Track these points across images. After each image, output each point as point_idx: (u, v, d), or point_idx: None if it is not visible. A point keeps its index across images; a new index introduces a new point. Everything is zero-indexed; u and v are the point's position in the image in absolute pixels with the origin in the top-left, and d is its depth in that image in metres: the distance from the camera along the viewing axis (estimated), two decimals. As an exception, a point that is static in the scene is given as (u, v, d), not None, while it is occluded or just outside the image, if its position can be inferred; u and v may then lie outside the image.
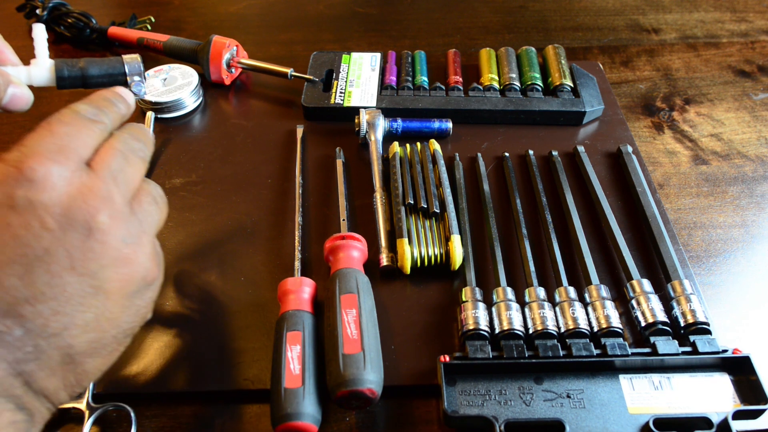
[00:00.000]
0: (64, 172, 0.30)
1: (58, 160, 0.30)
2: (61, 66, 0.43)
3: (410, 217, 0.51)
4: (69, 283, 0.29)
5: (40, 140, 0.30)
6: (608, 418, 0.40)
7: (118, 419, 0.42)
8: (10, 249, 0.28)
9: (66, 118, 0.32)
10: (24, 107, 0.41)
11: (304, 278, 0.47)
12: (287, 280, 0.46)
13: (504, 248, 0.50)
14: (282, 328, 0.42)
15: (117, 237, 0.31)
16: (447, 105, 0.62)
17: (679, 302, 0.45)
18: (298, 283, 0.46)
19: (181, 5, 0.86)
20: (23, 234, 0.28)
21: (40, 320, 0.28)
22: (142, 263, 0.32)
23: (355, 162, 0.59)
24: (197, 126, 0.64)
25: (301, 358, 0.40)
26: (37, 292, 0.28)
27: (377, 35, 0.79)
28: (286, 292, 0.45)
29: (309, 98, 0.64)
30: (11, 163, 0.29)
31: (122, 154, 0.33)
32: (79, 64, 0.44)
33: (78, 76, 0.44)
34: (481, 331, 0.43)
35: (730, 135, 0.64)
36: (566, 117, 0.62)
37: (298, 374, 0.39)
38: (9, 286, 0.28)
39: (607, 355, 0.42)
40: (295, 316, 0.43)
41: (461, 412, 0.40)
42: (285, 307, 0.44)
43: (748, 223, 0.55)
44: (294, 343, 0.41)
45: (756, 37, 0.78)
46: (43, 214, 0.28)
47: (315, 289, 0.47)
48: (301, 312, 0.43)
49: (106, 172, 0.32)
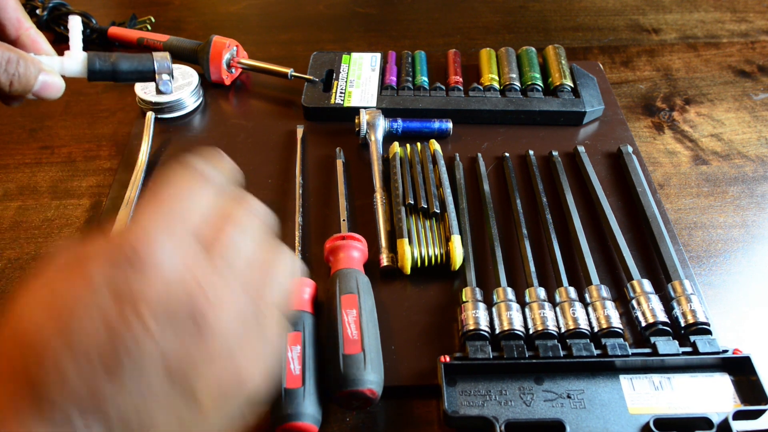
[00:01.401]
0: (174, 257, 0.25)
1: (168, 241, 0.26)
2: (93, 59, 0.44)
3: (410, 217, 0.51)
4: (158, 384, 0.25)
5: (150, 215, 0.27)
6: (609, 419, 0.40)
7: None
8: (102, 339, 0.24)
9: (179, 180, 0.28)
10: (55, 95, 0.41)
11: (303, 278, 0.46)
12: None
13: (504, 248, 0.50)
14: None
15: (226, 342, 0.26)
16: (447, 105, 0.62)
17: (680, 302, 0.45)
18: (298, 283, 0.46)
19: (181, 5, 0.86)
20: (118, 326, 0.24)
21: (121, 418, 0.24)
22: (250, 378, 0.26)
23: (356, 162, 0.59)
24: (197, 126, 0.64)
25: (302, 358, 0.40)
26: (123, 390, 0.24)
27: (377, 35, 0.79)
28: None
29: (309, 98, 0.64)
30: (118, 243, 0.26)
31: (245, 233, 0.28)
32: (111, 59, 0.44)
33: (109, 70, 0.44)
34: (481, 332, 0.43)
35: (730, 135, 0.64)
36: (566, 117, 0.62)
37: (299, 375, 0.39)
38: (94, 379, 0.24)
39: (608, 355, 0.42)
40: (295, 316, 0.43)
41: (461, 413, 0.40)
42: None
43: (748, 224, 0.55)
44: (294, 343, 0.41)
45: (756, 37, 0.78)
46: (143, 308, 0.24)
47: (315, 289, 0.47)
48: (302, 312, 0.43)
49: (223, 261, 0.27)
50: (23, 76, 0.40)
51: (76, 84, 0.70)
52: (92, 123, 0.65)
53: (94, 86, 0.70)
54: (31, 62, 0.40)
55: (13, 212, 0.56)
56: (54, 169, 0.60)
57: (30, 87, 0.41)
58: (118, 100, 0.68)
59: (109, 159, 0.61)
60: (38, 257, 0.52)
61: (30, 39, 0.43)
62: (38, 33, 0.44)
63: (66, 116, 0.66)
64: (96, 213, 0.56)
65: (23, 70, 0.40)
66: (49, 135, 0.64)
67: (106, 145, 0.63)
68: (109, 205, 0.55)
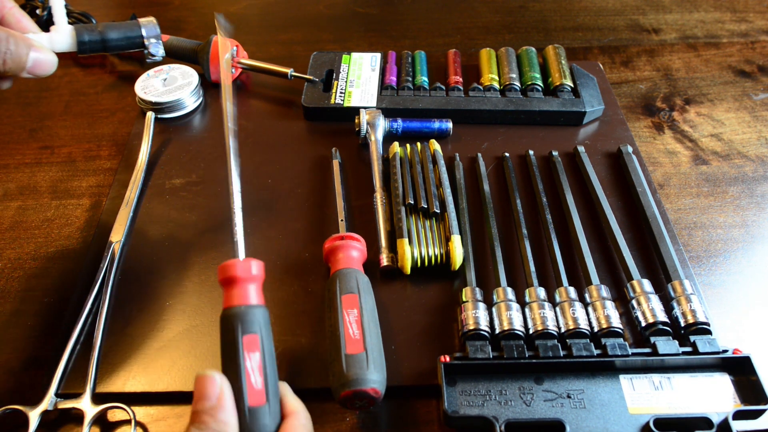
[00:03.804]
0: None
1: None
2: (81, 31, 0.44)
3: (410, 217, 0.51)
4: None
5: None
6: (608, 418, 0.40)
7: (118, 419, 0.42)
8: None
9: None
10: (48, 71, 0.41)
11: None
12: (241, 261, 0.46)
13: (504, 248, 0.50)
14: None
15: None
16: (447, 105, 0.62)
17: (680, 302, 0.45)
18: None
19: (181, 5, 0.86)
20: None
21: None
22: None
23: (356, 162, 0.59)
24: (197, 126, 0.64)
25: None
26: None
27: (377, 35, 0.79)
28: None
29: (309, 98, 0.64)
30: None
31: None
32: (98, 29, 0.44)
33: (98, 40, 0.44)
34: (481, 332, 0.43)
35: (730, 135, 0.64)
36: (566, 117, 0.62)
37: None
38: None
39: (608, 355, 0.42)
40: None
41: (461, 413, 0.40)
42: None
43: (748, 223, 0.55)
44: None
45: (756, 37, 0.78)
46: None
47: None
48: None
49: None
50: (15, 53, 0.39)
51: (76, 84, 0.71)
52: (92, 123, 0.65)
53: (94, 86, 0.70)
54: (21, 39, 0.40)
55: (13, 212, 0.56)
56: (54, 169, 0.60)
57: (23, 65, 0.40)
58: (118, 100, 0.68)
59: (109, 159, 0.61)
60: (38, 257, 0.52)
61: (14, 18, 0.43)
62: (21, 12, 0.43)
63: (66, 116, 0.66)
64: (96, 213, 0.56)
65: (14, 47, 0.39)
66: (49, 135, 0.64)
67: (106, 145, 0.63)
68: (109, 205, 0.55)
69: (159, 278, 0.50)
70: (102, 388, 0.43)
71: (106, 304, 0.47)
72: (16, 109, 0.67)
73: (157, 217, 0.54)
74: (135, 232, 0.53)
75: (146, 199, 0.56)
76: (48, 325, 0.47)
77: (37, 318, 0.48)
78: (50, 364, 0.44)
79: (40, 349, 0.46)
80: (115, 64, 0.74)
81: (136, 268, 0.50)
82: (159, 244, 0.52)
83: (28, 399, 0.42)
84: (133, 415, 0.41)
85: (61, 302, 0.49)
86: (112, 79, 0.72)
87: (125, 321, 0.47)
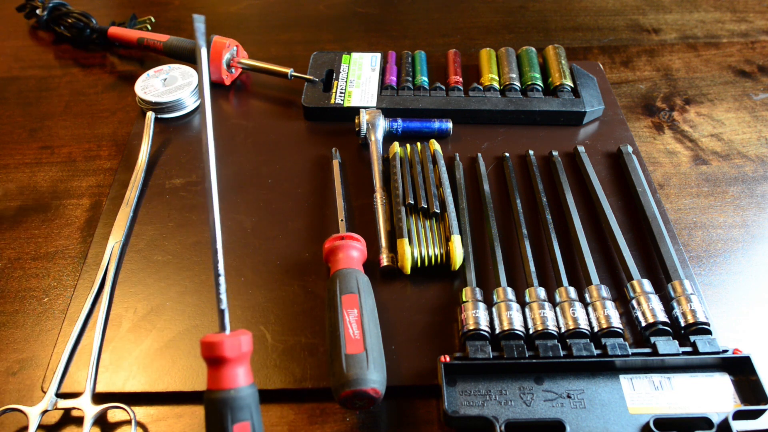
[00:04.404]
0: None
1: None
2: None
3: (410, 217, 0.51)
4: None
5: None
6: (609, 419, 0.40)
7: (118, 419, 0.42)
8: None
9: None
10: None
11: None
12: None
13: (504, 248, 0.50)
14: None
15: None
16: (447, 105, 0.62)
17: (680, 302, 0.45)
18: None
19: (181, 5, 0.86)
20: None
21: None
22: None
23: (356, 162, 0.59)
24: (197, 126, 0.64)
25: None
26: None
27: (377, 35, 0.79)
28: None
29: (309, 98, 0.64)
30: None
31: None
32: None
33: None
34: (481, 332, 0.43)
35: (730, 135, 0.64)
36: (566, 117, 0.62)
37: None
38: None
39: (608, 355, 0.42)
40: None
41: (461, 413, 0.40)
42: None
43: (748, 223, 0.55)
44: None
45: (756, 37, 0.78)
46: None
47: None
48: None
49: None
50: None
51: (76, 84, 0.71)
52: (92, 123, 0.65)
53: (94, 86, 0.70)
54: None
55: (13, 212, 0.56)
56: (54, 169, 0.60)
57: None
58: (118, 100, 0.68)
59: (109, 159, 0.61)
60: (38, 257, 0.52)
61: None
62: None
63: (66, 116, 0.66)
64: (96, 213, 0.56)
65: None
66: (49, 135, 0.64)
67: (106, 145, 0.63)
68: (109, 205, 0.55)
69: (159, 278, 0.50)
70: (102, 388, 0.43)
71: (106, 304, 0.47)
72: (16, 109, 0.67)
73: (157, 217, 0.54)
74: (135, 232, 0.53)
75: (146, 199, 0.56)
76: (48, 325, 0.47)
77: (37, 318, 0.48)
78: (50, 364, 0.44)
79: (40, 349, 0.46)
80: (115, 64, 0.74)
81: (136, 268, 0.50)
82: (159, 244, 0.52)
83: (28, 399, 0.42)
84: (133, 415, 0.41)
85: (61, 302, 0.49)
86: (112, 79, 0.72)
87: (125, 321, 0.47)
